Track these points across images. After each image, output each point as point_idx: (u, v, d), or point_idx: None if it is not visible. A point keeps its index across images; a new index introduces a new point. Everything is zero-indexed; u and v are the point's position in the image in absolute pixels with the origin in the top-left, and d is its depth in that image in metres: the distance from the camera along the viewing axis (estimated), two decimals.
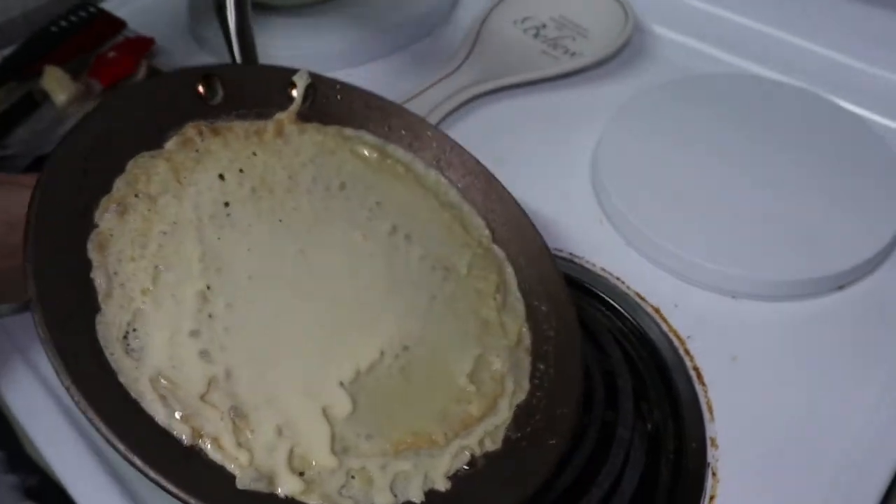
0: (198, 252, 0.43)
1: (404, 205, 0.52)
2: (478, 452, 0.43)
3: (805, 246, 0.56)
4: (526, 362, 0.48)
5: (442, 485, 0.42)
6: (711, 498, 0.45)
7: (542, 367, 0.48)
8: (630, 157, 0.64)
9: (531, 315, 0.50)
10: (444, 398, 0.45)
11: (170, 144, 0.47)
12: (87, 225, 0.42)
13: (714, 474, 0.46)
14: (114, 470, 0.48)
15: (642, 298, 0.55)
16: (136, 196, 0.44)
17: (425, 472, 0.42)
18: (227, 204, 0.46)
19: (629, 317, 0.54)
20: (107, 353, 0.38)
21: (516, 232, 0.53)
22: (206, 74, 0.50)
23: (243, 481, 0.37)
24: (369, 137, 0.54)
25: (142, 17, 0.80)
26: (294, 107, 0.53)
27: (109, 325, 0.39)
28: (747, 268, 0.55)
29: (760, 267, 0.55)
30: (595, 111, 0.69)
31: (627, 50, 0.76)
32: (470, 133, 0.69)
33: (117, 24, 0.78)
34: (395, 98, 0.72)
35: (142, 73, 0.73)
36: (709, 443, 0.47)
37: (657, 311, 0.54)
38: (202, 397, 0.39)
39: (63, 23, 0.76)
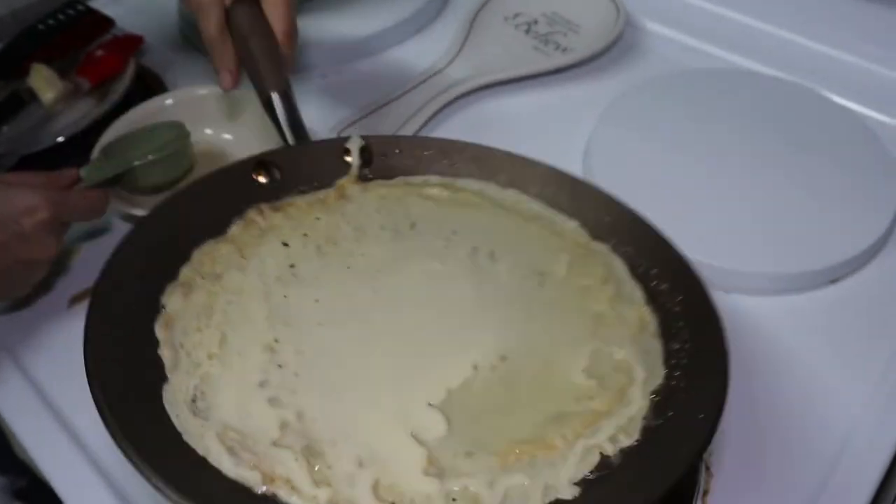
0: (264, 312, 0.44)
1: (484, 228, 0.50)
2: (611, 451, 0.38)
3: (797, 240, 0.56)
4: (656, 346, 0.43)
5: (568, 492, 0.36)
6: (705, 493, 0.45)
7: (676, 346, 0.42)
8: (622, 152, 0.64)
9: (653, 298, 0.45)
10: (558, 400, 0.40)
11: (233, 229, 0.49)
12: (154, 309, 0.43)
13: (707, 469, 0.46)
14: (102, 470, 0.47)
15: None
16: (202, 277, 0.45)
17: (545, 482, 0.37)
18: (292, 266, 0.47)
19: None
20: (172, 417, 0.38)
21: (615, 222, 0.49)
22: (261, 161, 0.51)
23: None
24: (436, 178, 0.54)
25: (130, 15, 0.79)
26: (353, 171, 0.53)
27: (176, 392, 0.39)
28: (739, 262, 0.55)
29: (753, 261, 0.55)
30: (587, 107, 0.68)
31: (619, 45, 0.75)
32: (461, 129, 0.69)
33: (105, 23, 0.77)
34: (387, 95, 0.72)
35: (130, 71, 0.73)
36: None
37: None
38: (275, 443, 0.37)
39: (51, 21, 0.75)
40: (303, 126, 0.55)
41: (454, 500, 0.36)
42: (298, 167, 0.52)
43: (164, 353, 0.41)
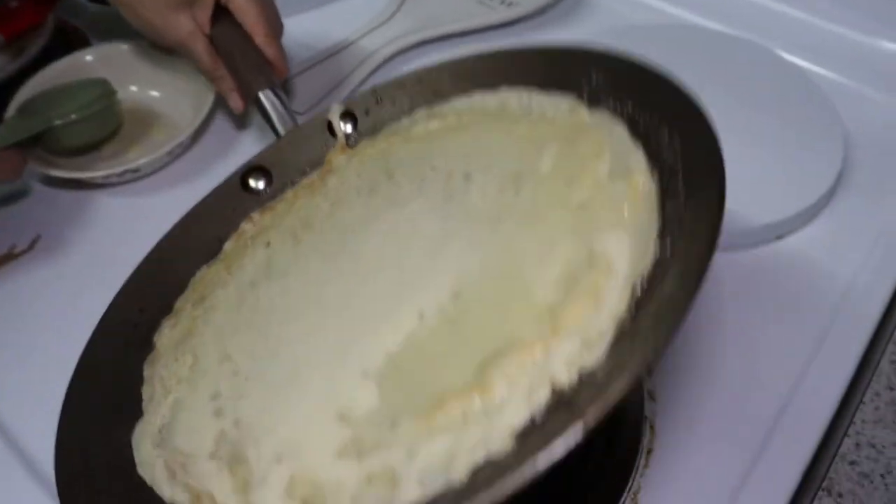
0: (233, 322, 0.42)
1: (465, 150, 0.45)
2: (566, 379, 0.29)
3: (742, 195, 0.54)
4: (650, 219, 0.34)
5: (502, 444, 0.28)
6: (649, 451, 0.44)
7: (670, 206, 0.34)
8: None
9: (653, 156, 0.37)
10: (513, 327, 0.32)
11: (227, 245, 0.48)
12: (148, 349, 0.43)
13: (651, 427, 0.45)
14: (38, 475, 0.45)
15: None
16: (191, 305, 0.44)
17: (475, 439, 0.29)
18: (269, 266, 0.45)
19: None
20: (134, 450, 0.38)
21: (613, 78, 0.42)
22: (246, 172, 0.50)
23: None
24: (421, 113, 0.49)
25: None
26: (338, 143, 0.51)
27: (147, 426, 0.39)
28: None
29: None
30: None
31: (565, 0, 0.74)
32: None
33: None
34: (323, 51, 0.69)
35: (49, 25, 0.68)
36: (646, 396, 0.47)
37: None
38: (213, 456, 0.36)
39: None
40: (294, 118, 0.54)
41: (371, 481, 0.31)
42: (288, 160, 0.51)
43: (145, 390, 0.41)
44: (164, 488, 0.36)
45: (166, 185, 0.60)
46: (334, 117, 0.51)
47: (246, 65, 0.56)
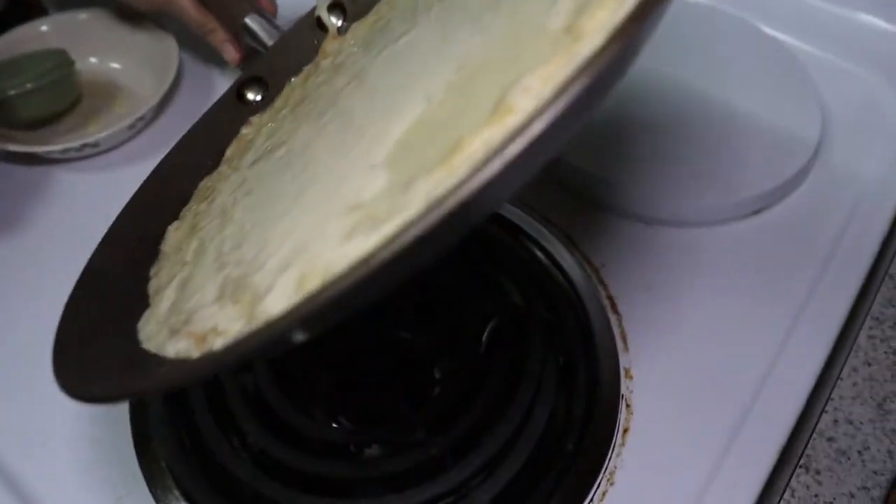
0: (233, 196, 0.39)
1: None
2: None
3: (721, 170, 0.55)
4: None
5: None
6: (625, 431, 0.44)
7: None
8: None
9: None
10: (526, 59, 0.27)
11: (228, 151, 0.45)
12: (153, 259, 0.40)
13: (628, 406, 0.44)
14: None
15: (552, 224, 0.53)
16: (196, 204, 0.42)
17: None
18: (269, 146, 0.42)
19: (540, 243, 0.52)
20: (140, 334, 0.35)
21: None
22: (241, 85, 0.47)
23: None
24: None
25: None
26: (330, 32, 0.48)
27: (155, 310, 0.36)
28: (661, 192, 0.53)
29: (674, 191, 0.53)
30: None
31: None
32: None
33: None
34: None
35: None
36: (623, 374, 0.46)
37: (569, 237, 0.52)
38: (215, 300, 0.32)
39: None
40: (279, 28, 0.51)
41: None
42: (282, 65, 0.48)
43: (150, 285, 0.38)
44: (167, 348, 0.32)
45: (128, 161, 0.58)
46: (322, 12, 0.49)
47: (234, 5, 0.54)
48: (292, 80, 0.47)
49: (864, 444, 0.42)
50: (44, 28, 0.62)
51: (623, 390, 0.45)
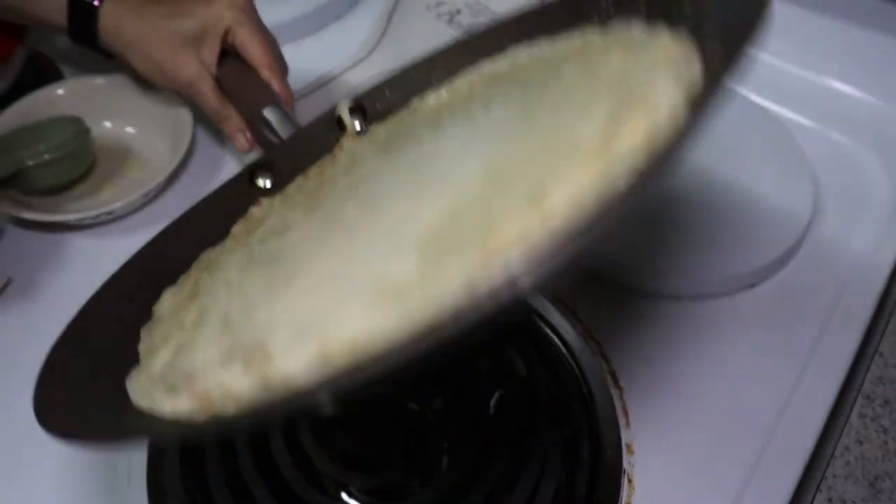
0: (241, 266, 0.39)
1: (480, 94, 0.44)
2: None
3: (716, 243, 0.57)
4: (690, 54, 0.33)
5: None
6: None
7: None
8: None
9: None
10: (562, 162, 0.29)
11: (235, 228, 0.46)
12: (144, 319, 0.40)
13: (630, 481, 0.46)
14: None
15: (558, 299, 0.54)
16: (197, 271, 0.43)
17: None
18: (281, 226, 0.42)
19: (543, 316, 0.53)
20: (128, 388, 0.35)
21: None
22: (255, 168, 0.49)
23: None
24: (432, 94, 0.49)
25: None
26: (349, 129, 0.50)
27: (146, 368, 0.35)
28: (658, 265, 0.55)
29: (671, 265, 0.55)
30: None
31: None
32: None
33: None
34: (307, 85, 0.69)
35: (19, 56, 0.67)
36: (625, 449, 0.47)
37: (572, 311, 0.54)
38: (221, 364, 0.31)
39: None
40: (297, 124, 0.53)
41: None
42: (296, 156, 0.50)
43: (141, 347, 0.38)
44: (163, 405, 0.31)
45: (141, 227, 0.59)
46: (343, 112, 0.51)
47: (250, 95, 0.56)
48: (308, 170, 0.48)
49: None
50: (60, 92, 0.64)
51: (625, 465, 0.46)
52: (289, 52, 0.62)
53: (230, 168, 0.64)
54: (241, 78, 0.57)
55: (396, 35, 0.73)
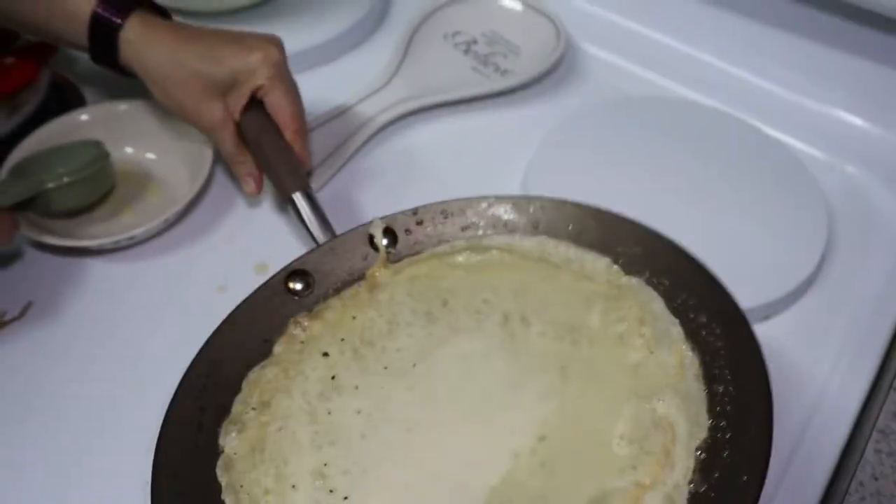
0: (310, 434, 0.46)
1: (515, 288, 0.51)
2: None
3: (730, 276, 0.56)
4: (699, 391, 0.42)
5: None
6: None
7: (720, 389, 0.42)
8: (561, 179, 0.63)
9: (692, 334, 0.45)
10: (601, 476, 0.40)
11: (277, 348, 0.51)
12: (215, 453, 0.46)
13: None
14: None
15: None
16: (253, 409, 0.48)
17: None
18: (333, 377, 0.49)
19: None
20: None
21: (648, 252, 0.49)
22: (291, 272, 0.54)
23: None
24: (461, 243, 0.55)
25: None
26: (381, 255, 0.55)
27: None
28: None
29: None
30: (527, 130, 0.68)
31: (559, 69, 0.75)
32: (401, 151, 0.69)
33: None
34: (318, 117, 0.70)
35: (44, 81, 0.69)
36: None
37: None
38: None
39: None
40: (327, 220, 0.57)
41: None
42: (329, 266, 0.55)
43: (227, 498, 0.44)
44: None
45: (161, 252, 0.62)
46: (377, 231, 0.55)
47: (277, 158, 0.59)
48: (339, 291, 0.54)
49: None
50: (83, 117, 0.65)
51: None
52: (304, 81, 0.63)
53: (242, 202, 0.66)
54: (266, 129, 0.59)
55: (413, 65, 0.74)
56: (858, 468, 0.47)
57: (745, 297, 0.55)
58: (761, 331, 0.55)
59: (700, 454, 0.40)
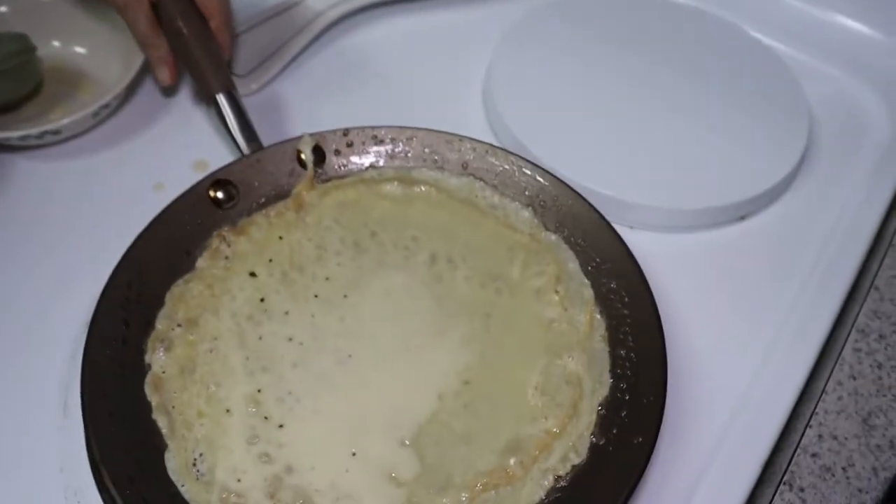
0: (241, 358, 0.46)
1: (443, 228, 0.52)
2: (563, 471, 0.42)
3: (706, 174, 0.54)
4: (604, 352, 0.45)
5: None
6: None
7: (622, 352, 0.45)
8: (522, 78, 0.59)
9: (601, 297, 0.47)
10: (516, 422, 0.44)
11: (201, 262, 0.50)
12: (141, 370, 0.45)
13: None
14: None
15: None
16: (179, 325, 0.47)
17: None
18: (262, 300, 0.48)
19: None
20: (179, 487, 0.41)
21: (567, 211, 0.50)
22: (215, 182, 0.52)
23: None
24: (390, 172, 0.54)
25: None
26: (308, 174, 0.53)
27: (177, 458, 0.42)
28: (644, 196, 0.52)
29: (658, 195, 0.52)
30: (486, 29, 0.64)
31: None
32: (355, 50, 0.65)
33: None
34: (268, 8, 0.64)
35: None
36: None
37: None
38: (271, 497, 0.41)
39: None
40: (252, 128, 0.54)
41: None
42: (254, 179, 0.53)
43: (159, 418, 0.44)
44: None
45: (92, 149, 0.58)
46: (305, 148, 0.54)
47: (199, 51, 0.55)
48: (263, 206, 0.52)
49: (849, 461, 0.41)
50: (3, 9, 0.59)
51: None
52: None
53: (183, 95, 0.62)
54: (184, 16, 0.55)
55: None
56: (836, 367, 0.44)
57: (720, 195, 0.52)
58: (738, 230, 0.52)
59: (601, 409, 0.44)
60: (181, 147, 0.57)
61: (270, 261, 0.50)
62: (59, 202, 0.54)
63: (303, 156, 0.53)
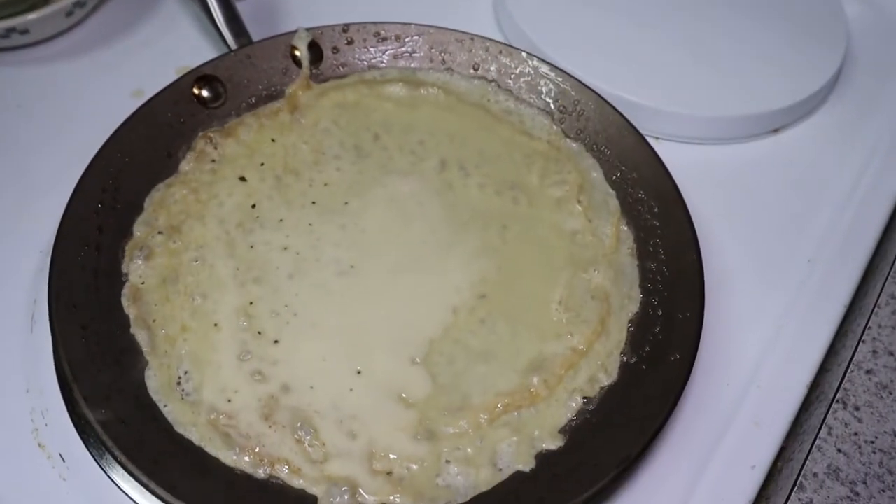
0: (231, 268, 0.41)
1: (452, 133, 0.46)
2: (592, 392, 0.38)
3: (739, 83, 0.49)
4: (632, 266, 0.41)
5: (553, 443, 0.36)
6: None
7: (652, 266, 0.41)
8: None
9: (628, 208, 0.43)
10: (538, 338, 0.39)
11: (184, 165, 0.45)
12: (118, 280, 0.40)
13: None
14: None
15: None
16: (160, 233, 0.42)
17: (532, 432, 0.36)
18: (253, 206, 0.44)
19: None
20: (161, 408, 0.37)
21: (593, 117, 0.45)
22: (199, 77, 0.46)
23: (325, 500, 0.35)
24: (394, 72, 0.49)
25: None
26: (303, 73, 0.48)
27: (159, 376, 0.38)
28: (672, 102, 0.47)
29: (688, 102, 0.47)
30: None
31: None
32: None
33: None
34: None
35: None
36: None
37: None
38: (266, 419, 0.37)
39: None
40: (240, 20, 0.49)
41: (447, 461, 0.36)
42: (244, 76, 0.48)
43: (138, 332, 0.39)
44: (222, 453, 0.36)
45: (69, 55, 0.53)
46: (301, 44, 0.48)
47: None
48: (253, 106, 0.47)
49: None
50: None
51: None
52: None
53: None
54: None
55: None
56: (889, 280, 0.40)
57: (754, 103, 0.47)
58: (772, 142, 0.47)
59: (630, 327, 0.40)
60: (165, 52, 0.52)
61: (262, 164, 0.45)
62: (29, 109, 0.48)
63: (297, 53, 0.48)
